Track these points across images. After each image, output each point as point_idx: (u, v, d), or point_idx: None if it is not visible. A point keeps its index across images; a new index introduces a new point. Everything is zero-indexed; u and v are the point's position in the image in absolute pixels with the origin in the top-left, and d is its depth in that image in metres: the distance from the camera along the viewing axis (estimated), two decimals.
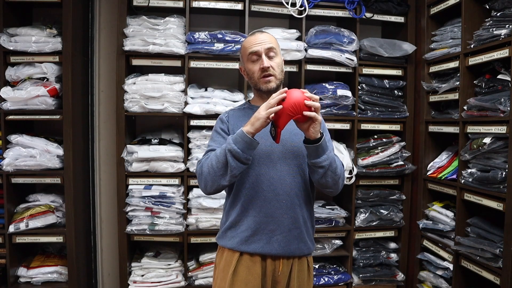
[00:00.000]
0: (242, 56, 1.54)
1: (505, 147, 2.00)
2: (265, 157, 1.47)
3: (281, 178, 1.46)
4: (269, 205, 1.46)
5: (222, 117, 1.58)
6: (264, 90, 1.48)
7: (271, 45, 1.48)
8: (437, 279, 2.47)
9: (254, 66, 1.49)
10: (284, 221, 1.46)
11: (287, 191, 1.46)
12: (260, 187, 1.46)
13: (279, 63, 1.49)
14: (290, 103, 1.27)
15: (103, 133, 2.77)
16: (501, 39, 2.01)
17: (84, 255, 2.63)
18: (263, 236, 1.46)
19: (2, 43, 2.27)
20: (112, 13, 2.66)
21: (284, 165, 1.47)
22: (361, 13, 2.62)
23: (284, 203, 1.46)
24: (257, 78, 1.49)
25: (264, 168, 1.46)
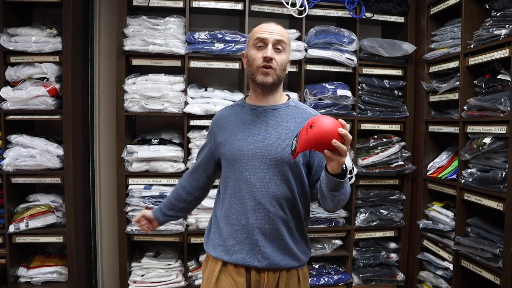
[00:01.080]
0: (248, 41, 1.43)
1: (505, 147, 2.00)
2: (246, 161, 1.37)
3: (264, 185, 1.36)
4: (250, 214, 1.36)
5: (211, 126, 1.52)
6: (259, 82, 1.37)
7: (282, 38, 1.37)
8: (437, 279, 2.47)
9: (257, 53, 1.37)
10: (266, 232, 1.37)
11: (270, 199, 1.36)
12: (241, 194, 1.38)
13: (284, 60, 1.38)
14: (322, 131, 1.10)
15: (103, 133, 2.77)
16: (501, 39, 2.01)
17: (84, 255, 2.63)
18: (245, 247, 1.37)
19: (2, 43, 2.27)
20: (112, 13, 2.66)
21: (268, 172, 1.36)
22: (361, 13, 2.62)
23: (266, 212, 1.36)
24: (256, 66, 1.37)
25: (245, 173, 1.37)
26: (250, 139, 1.37)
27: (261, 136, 1.37)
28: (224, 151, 1.41)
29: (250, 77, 1.42)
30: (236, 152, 1.38)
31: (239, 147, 1.38)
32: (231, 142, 1.40)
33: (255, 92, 1.44)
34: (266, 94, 1.42)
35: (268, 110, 1.42)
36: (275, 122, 1.40)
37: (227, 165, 1.41)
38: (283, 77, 1.41)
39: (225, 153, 1.41)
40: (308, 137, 1.13)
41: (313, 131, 1.12)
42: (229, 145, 1.40)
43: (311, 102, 2.57)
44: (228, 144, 1.40)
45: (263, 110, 1.42)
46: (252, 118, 1.42)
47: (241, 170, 1.37)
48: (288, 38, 1.42)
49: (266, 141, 1.37)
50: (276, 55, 1.35)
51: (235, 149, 1.38)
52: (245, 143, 1.36)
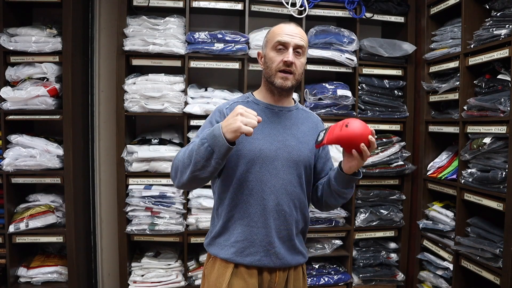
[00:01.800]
0: (267, 41, 1.40)
1: (505, 147, 2.00)
2: (268, 162, 1.35)
3: (283, 187, 1.37)
4: (268, 215, 1.35)
5: (222, 109, 1.42)
6: (278, 86, 1.36)
7: (302, 43, 1.36)
8: (437, 279, 2.47)
9: (277, 55, 1.35)
10: (282, 234, 1.38)
11: (287, 201, 1.38)
12: (259, 195, 1.35)
13: (302, 64, 1.39)
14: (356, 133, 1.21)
15: (103, 133, 2.77)
16: (501, 39, 2.01)
17: (84, 255, 2.63)
18: (260, 249, 1.36)
19: (2, 43, 2.27)
20: (112, 13, 2.66)
21: (287, 173, 1.37)
22: (361, 13, 2.62)
23: (283, 214, 1.37)
24: (275, 69, 1.35)
25: (267, 175, 1.35)
26: (271, 139, 1.36)
27: (281, 138, 1.38)
28: (242, 149, 1.34)
29: (267, 79, 1.40)
30: (258, 152, 1.34)
31: (261, 147, 1.35)
32: (251, 141, 1.34)
33: (270, 92, 1.42)
34: (282, 96, 1.42)
35: (283, 111, 1.43)
36: (291, 124, 1.42)
37: (245, 163, 1.35)
38: (300, 80, 1.42)
39: (243, 151, 1.34)
40: (342, 134, 1.22)
41: (348, 130, 1.21)
42: (249, 143, 1.34)
43: (311, 102, 2.57)
44: (247, 142, 1.34)
45: (279, 110, 1.42)
46: (269, 117, 1.40)
47: (262, 171, 1.34)
48: (307, 41, 1.42)
49: (286, 143, 1.38)
50: (296, 60, 1.35)
51: (257, 149, 1.34)
52: (267, 144, 1.35)
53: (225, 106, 1.42)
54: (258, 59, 1.46)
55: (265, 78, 1.41)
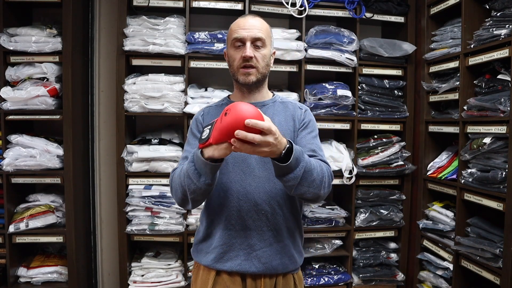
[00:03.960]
0: (227, 39, 1.36)
1: (505, 147, 2.00)
2: (240, 161, 1.30)
3: (260, 185, 1.29)
4: (246, 217, 1.28)
5: (197, 117, 1.40)
6: (242, 83, 1.32)
7: (260, 34, 1.30)
8: (437, 279, 2.47)
9: (236, 53, 1.31)
10: (264, 235, 1.30)
11: (267, 200, 1.29)
12: (235, 196, 1.29)
13: (265, 55, 1.31)
14: (227, 121, 1.02)
15: (103, 133, 2.77)
16: (501, 39, 2.01)
17: (84, 255, 2.63)
18: (240, 252, 1.29)
19: (2, 43, 2.27)
20: (112, 13, 2.66)
21: (262, 170, 1.29)
22: (361, 13, 2.62)
23: (264, 213, 1.29)
24: (236, 67, 1.32)
25: (239, 174, 1.29)
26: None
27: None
28: None
29: (232, 77, 1.37)
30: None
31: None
32: None
33: (240, 90, 1.39)
34: (252, 92, 1.37)
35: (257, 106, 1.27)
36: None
37: None
38: (267, 72, 1.36)
39: None
40: (222, 125, 1.03)
41: (227, 118, 1.02)
42: None
43: (311, 102, 2.57)
44: None
45: None
46: None
47: (235, 171, 1.29)
48: (268, 30, 1.34)
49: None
50: (256, 52, 1.30)
51: None
52: None
53: (200, 114, 1.40)
54: (225, 58, 1.41)
55: (232, 78, 1.38)
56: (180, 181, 1.21)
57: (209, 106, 1.43)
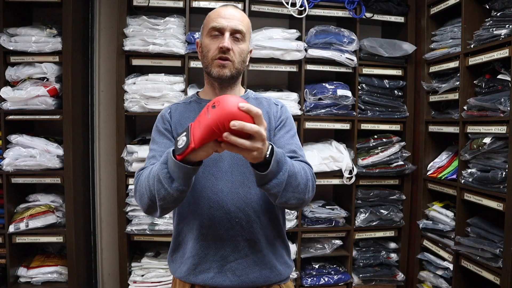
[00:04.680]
0: (203, 28, 1.26)
1: (505, 147, 2.00)
2: (211, 164, 1.17)
3: (233, 190, 1.17)
4: (218, 225, 1.16)
5: (164, 114, 1.26)
6: (215, 76, 1.18)
7: (241, 27, 1.19)
8: (437, 279, 2.47)
9: (212, 43, 1.19)
10: (238, 245, 1.18)
11: (241, 206, 1.17)
12: (205, 203, 1.17)
13: (243, 50, 1.20)
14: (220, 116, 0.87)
15: (103, 133, 2.77)
16: (501, 39, 2.01)
17: (84, 255, 2.63)
18: (213, 264, 1.17)
19: (2, 43, 2.26)
20: (112, 13, 2.66)
21: (236, 173, 1.18)
22: (361, 13, 2.62)
23: (238, 221, 1.17)
24: (210, 58, 1.19)
25: (211, 179, 1.17)
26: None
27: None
28: None
29: (204, 70, 1.24)
30: None
31: None
32: None
33: (211, 86, 1.25)
34: (224, 88, 1.24)
35: None
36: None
37: None
38: (243, 69, 1.24)
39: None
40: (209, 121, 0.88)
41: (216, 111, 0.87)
42: None
43: (311, 102, 2.57)
44: None
45: None
46: None
47: (205, 175, 1.17)
48: (249, 24, 1.25)
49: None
50: (234, 45, 1.18)
51: None
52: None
53: (167, 111, 1.27)
54: (197, 50, 1.28)
55: (204, 71, 1.24)
56: (148, 185, 1.06)
57: (176, 103, 1.30)
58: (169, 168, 0.99)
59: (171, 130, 1.23)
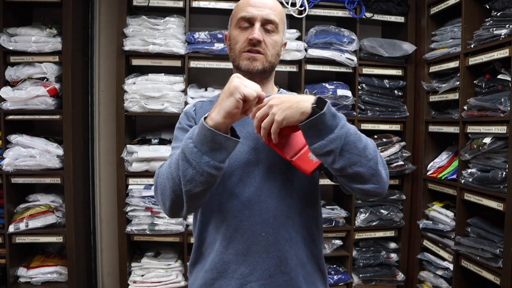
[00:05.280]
0: (231, 19, 1.15)
1: (505, 147, 2.00)
2: (239, 167, 1.03)
3: (262, 200, 1.02)
4: (241, 239, 1.02)
5: (188, 111, 1.15)
6: (244, 69, 1.06)
7: (273, 16, 1.06)
8: (437, 279, 2.47)
9: (240, 34, 1.07)
10: (263, 263, 1.02)
11: (269, 219, 1.02)
12: (230, 212, 1.03)
13: (276, 42, 1.08)
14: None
15: (103, 133, 2.77)
16: (501, 39, 2.01)
17: (84, 255, 2.63)
18: (232, 282, 1.03)
19: (2, 43, 2.26)
20: (112, 13, 2.66)
21: (268, 180, 1.03)
22: (361, 13, 2.62)
23: (264, 236, 1.02)
24: (239, 50, 1.07)
25: (239, 185, 1.03)
26: (244, 140, 1.03)
27: (257, 136, 1.03)
28: None
29: (233, 64, 1.12)
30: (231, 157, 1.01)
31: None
32: None
33: None
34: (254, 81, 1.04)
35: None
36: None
37: None
38: (277, 63, 1.12)
39: None
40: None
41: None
42: None
43: None
44: None
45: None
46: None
47: (232, 181, 1.03)
48: (282, 14, 1.11)
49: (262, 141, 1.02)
50: (266, 37, 1.06)
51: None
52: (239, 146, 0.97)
53: (192, 108, 1.16)
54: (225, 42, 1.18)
55: (233, 65, 1.13)
56: (170, 172, 0.92)
57: (201, 101, 1.19)
58: (196, 142, 0.86)
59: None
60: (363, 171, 0.89)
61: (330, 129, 0.86)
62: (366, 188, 0.91)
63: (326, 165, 0.91)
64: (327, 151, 0.87)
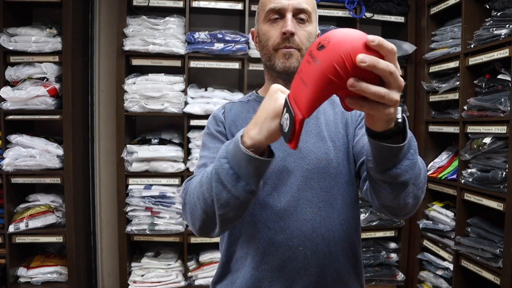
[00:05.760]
0: (258, 13, 1.04)
1: (505, 147, 2.00)
2: (273, 175, 0.94)
3: (298, 210, 0.93)
4: (276, 253, 0.93)
5: (217, 114, 1.05)
6: (280, 70, 0.96)
7: (305, 5, 0.95)
8: (437, 279, 2.47)
9: (271, 29, 0.96)
10: (300, 280, 0.93)
11: (307, 231, 0.93)
12: (263, 224, 0.94)
13: (310, 34, 0.98)
14: (336, 54, 0.56)
15: (103, 133, 2.77)
16: (501, 39, 2.01)
17: (84, 255, 2.63)
18: None
19: (2, 43, 2.27)
20: (112, 13, 2.66)
21: (305, 188, 0.94)
22: (361, 13, 2.62)
23: (302, 250, 0.92)
24: (272, 47, 0.96)
25: (272, 194, 0.94)
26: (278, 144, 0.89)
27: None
28: None
29: (265, 64, 1.01)
30: None
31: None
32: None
33: (273, 79, 1.02)
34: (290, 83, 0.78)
35: None
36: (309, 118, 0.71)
37: None
38: None
39: None
40: (323, 66, 0.57)
41: (328, 51, 0.57)
42: None
43: None
44: None
45: None
46: None
47: (265, 189, 0.94)
48: (313, 1, 1.00)
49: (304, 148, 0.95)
50: (298, 29, 0.95)
51: None
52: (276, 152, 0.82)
53: (221, 111, 1.06)
54: (253, 41, 1.07)
55: (264, 65, 1.03)
56: (201, 192, 0.80)
57: (231, 102, 1.08)
58: (231, 163, 0.74)
59: (225, 132, 1.01)
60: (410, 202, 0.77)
61: (405, 153, 0.70)
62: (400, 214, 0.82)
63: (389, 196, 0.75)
64: (401, 181, 0.72)
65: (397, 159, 0.70)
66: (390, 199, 0.76)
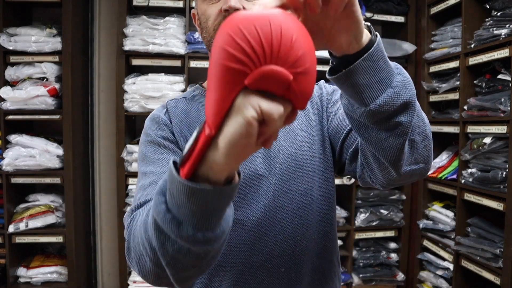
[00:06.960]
0: None
1: (505, 147, 2.00)
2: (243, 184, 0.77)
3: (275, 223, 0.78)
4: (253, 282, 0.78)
5: (158, 116, 0.85)
6: None
7: None
8: (437, 279, 2.47)
9: (211, 6, 0.78)
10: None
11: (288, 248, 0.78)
12: (235, 248, 0.77)
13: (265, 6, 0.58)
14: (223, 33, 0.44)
15: (103, 133, 2.77)
16: (502, 39, 2.00)
17: (84, 255, 2.63)
18: None
19: (2, 43, 2.26)
20: (112, 13, 2.66)
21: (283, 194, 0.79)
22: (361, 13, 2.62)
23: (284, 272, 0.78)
24: (213, 28, 0.77)
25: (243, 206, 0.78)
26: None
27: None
28: None
29: (208, 49, 0.82)
30: None
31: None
32: None
33: None
34: None
35: None
36: None
37: None
38: None
39: None
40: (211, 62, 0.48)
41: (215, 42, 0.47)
42: None
43: None
44: None
45: None
46: None
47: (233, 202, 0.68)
48: None
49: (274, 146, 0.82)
50: (248, 4, 0.75)
51: None
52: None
53: (161, 111, 0.87)
54: (194, 23, 0.89)
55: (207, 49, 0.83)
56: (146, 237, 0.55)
57: (173, 100, 0.89)
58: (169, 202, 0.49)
59: (173, 138, 0.82)
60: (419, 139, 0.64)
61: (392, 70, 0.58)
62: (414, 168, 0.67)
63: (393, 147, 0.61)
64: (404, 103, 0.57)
65: (385, 73, 0.57)
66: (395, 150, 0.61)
